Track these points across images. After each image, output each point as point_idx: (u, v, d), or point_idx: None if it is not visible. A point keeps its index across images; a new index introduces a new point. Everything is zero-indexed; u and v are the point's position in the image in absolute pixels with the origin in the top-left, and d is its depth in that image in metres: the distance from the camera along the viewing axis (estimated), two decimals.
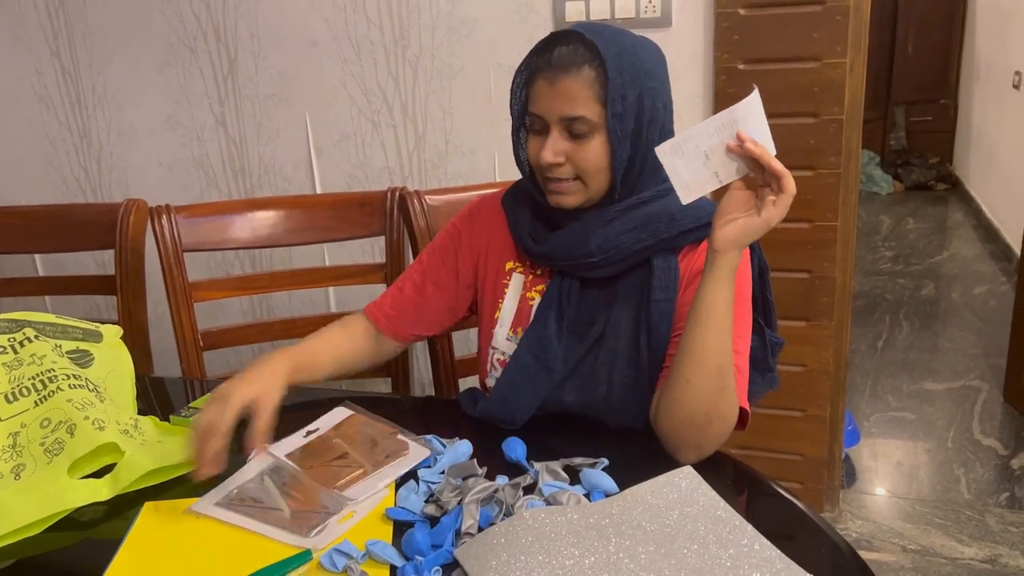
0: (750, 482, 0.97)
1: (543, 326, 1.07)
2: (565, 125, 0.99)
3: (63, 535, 0.94)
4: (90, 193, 2.28)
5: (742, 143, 0.86)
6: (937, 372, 2.84)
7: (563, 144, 1.00)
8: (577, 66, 0.97)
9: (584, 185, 1.02)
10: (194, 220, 1.52)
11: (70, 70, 2.18)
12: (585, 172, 1.00)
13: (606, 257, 1.03)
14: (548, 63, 0.98)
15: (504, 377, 1.08)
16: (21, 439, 1.02)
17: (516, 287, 1.13)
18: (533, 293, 1.11)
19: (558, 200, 1.03)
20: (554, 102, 0.98)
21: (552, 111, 0.98)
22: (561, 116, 0.98)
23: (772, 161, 0.86)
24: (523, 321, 1.11)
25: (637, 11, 1.73)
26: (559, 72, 0.97)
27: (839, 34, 1.62)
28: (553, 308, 1.07)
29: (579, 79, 0.97)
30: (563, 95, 0.97)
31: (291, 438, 1.07)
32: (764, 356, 1.14)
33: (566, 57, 0.97)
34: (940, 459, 2.31)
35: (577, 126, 0.98)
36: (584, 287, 1.07)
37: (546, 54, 0.99)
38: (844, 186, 1.72)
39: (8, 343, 1.10)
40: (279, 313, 2.21)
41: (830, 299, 1.79)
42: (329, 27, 1.95)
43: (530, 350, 1.07)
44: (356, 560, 0.80)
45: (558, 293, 1.07)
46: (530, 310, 1.11)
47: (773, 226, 0.89)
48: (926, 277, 3.80)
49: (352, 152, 2.04)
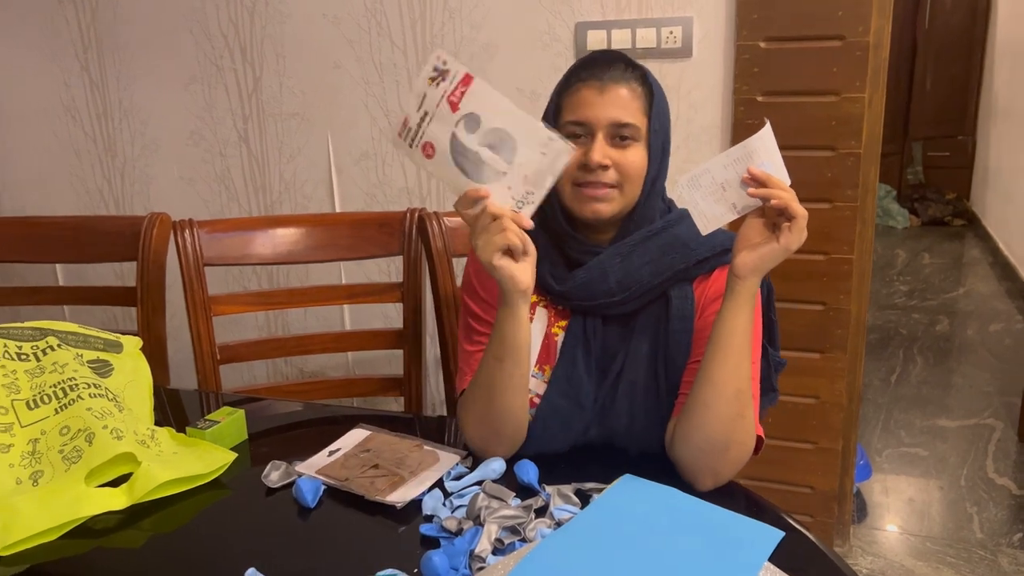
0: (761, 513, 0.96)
1: (571, 365, 1.06)
2: (612, 131, 1.01)
3: (77, 543, 0.95)
4: (112, 205, 2.31)
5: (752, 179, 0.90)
6: (951, 409, 2.82)
7: (608, 149, 1.01)
8: (627, 79, 1.02)
9: (621, 193, 1.03)
10: (216, 235, 1.54)
11: (98, 84, 2.22)
12: (627, 178, 1.02)
13: (626, 295, 1.04)
14: (597, 75, 1.02)
15: (537, 420, 1.07)
16: (40, 446, 1.03)
17: (541, 322, 1.12)
18: (557, 328, 1.11)
19: (595, 208, 1.03)
20: (605, 108, 1.01)
21: (602, 116, 1.01)
22: (612, 121, 1.01)
23: (774, 194, 0.90)
24: (549, 358, 1.10)
25: (658, 42, 1.75)
26: (610, 81, 1.01)
27: (858, 69, 1.63)
28: (579, 346, 1.07)
29: (629, 88, 1.02)
30: (615, 102, 1.01)
31: (315, 458, 1.08)
32: (767, 375, 1.15)
33: (616, 69, 1.02)
34: (953, 497, 2.29)
35: (625, 132, 1.01)
36: (604, 323, 1.08)
37: (593, 68, 1.03)
38: (861, 219, 1.72)
39: (31, 351, 1.12)
40: (294, 329, 2.22)
41: (844, 331, 1.78)
42: (353, 49, 1.98)
43: (560, 390, 1.06)
44: None
45: (583, 330, 1.07)
46: (555, 346, 1.10)
47: (793, 251, 0.92)
48: (941, 313, 3.78)
49: (372, 172, 2.06)
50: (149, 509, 1.01)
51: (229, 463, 1.09)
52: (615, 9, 1.77)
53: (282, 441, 1.22)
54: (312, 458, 1.08)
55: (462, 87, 0.93)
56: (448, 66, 0.93)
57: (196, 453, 1.09)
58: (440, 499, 0.97)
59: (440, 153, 0.95)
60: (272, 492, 1.03)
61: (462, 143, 0.94)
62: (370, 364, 2.16)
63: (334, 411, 1.34)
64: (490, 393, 1.02)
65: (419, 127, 0.95)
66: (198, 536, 0.97)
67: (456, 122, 0.94)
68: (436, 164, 0.96)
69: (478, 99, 0.93)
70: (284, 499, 1.01)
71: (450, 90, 0.93)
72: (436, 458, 1.06)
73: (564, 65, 1.82)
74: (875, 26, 1.62)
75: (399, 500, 0.96)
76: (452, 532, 0.89)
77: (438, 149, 0.95)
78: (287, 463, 1.07)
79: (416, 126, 0.96)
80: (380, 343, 1.63)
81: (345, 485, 1.01)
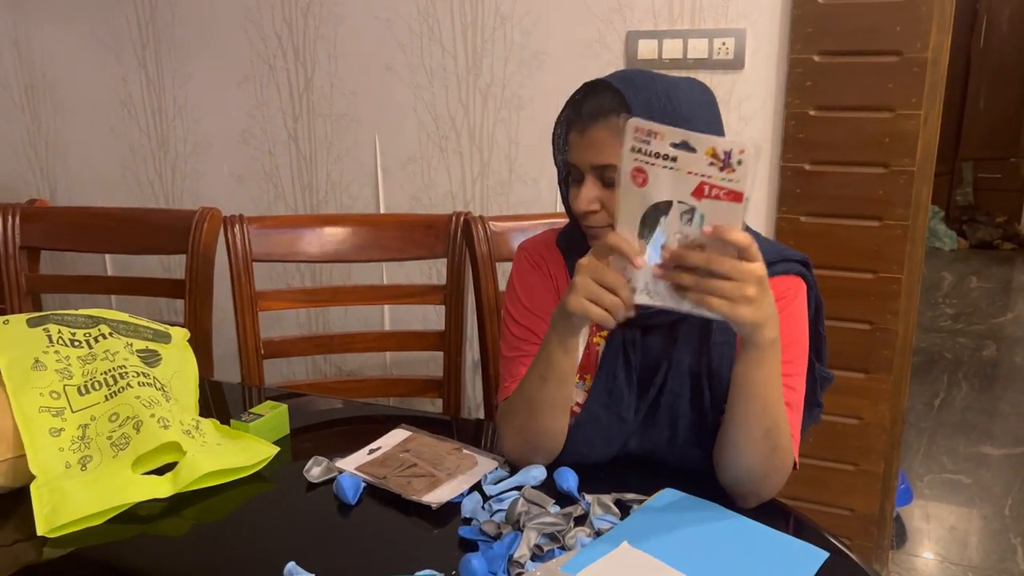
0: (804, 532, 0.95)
1: (611, 376, 1.05)
2: (597, 174, 0.99)
3: (122, 527, 0.97)
4: (162, 199, 2.36)
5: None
6: (996, 436, 2.75)
7: (597, 192, 0.99)
8: (604, 115, 0.97)
9: None
10: (265, 231, 1.57)
11: (154, 81, 2.27)
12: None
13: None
14: (579, 115, 1.00)
15: (577, 430, 1.06)
16: (90, 431, 1.05)
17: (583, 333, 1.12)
18: (598, 338, 1.10)
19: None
20: (585, 151, 0.99)
21: (584, 160, 0.99)
22: (592, 164, 0.99)
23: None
24: (590, 368, 1.09)
25: (710, 53, 1.74)
26: (588, 122, 0.98)
27: (915, 86, 1.60)
28: (620, 357, 1.05)
29: (607, 127, 0.97)
30: (592, 144, 0.98)
31: (355, 455, 1.09)
32: (812, 390, 1.13)
33: (594, 107, 0.98)
34: (996, 527, 2.23)
35: (608, 173, 0.98)
36: (645, 334, 1.06)
37: (577, 106, 1.00)
38: (911, 239, 1.69)
39: (84, 338, 1.14)
40: (334, 327, 2.24)
41: (890, 352, 1.75)
42: (404, 53, 2.00)
43: (601, 402, 1.05)
44: None
45: (622, 341, 1.06)
46: (596, 355, 1.09)
47: (729, 311, 0.82)
48: (988, 338, 3.69)
49: (418, 175, 2.07)
50: (192, 499, 1.02)
51: (271, 456, 1.10)
52: (667, 19, 1.76)
53: (323, 437, 1.23)
54: (352, 455, 1.09)
55: (726, 196, 0.78)
56: (740, 167, 0.76)
57: (239, 445, 1.11)
58: (479, 502, 0.96)
59: (642, 195, 0.82)
60: (313, 487, 1.04)
61: (667, 219, 0.82)
62: (408, 365, 2.17)
63: (374, 410, 1.35)
64: (530, 410, 1.02)
65: (653, 154, 0.81)
66: (239, 527, 0.98)
67: (684, 201, 0.81)
68: (629, 193, 0.83)
69: (720, 217, 0.79)
70: (325, 495, 1.02)
71: (714, 183, 0.78)
72: (474, 462, 1.06)
73: None
74: (934, 42, 1.59)
75: (435, 501, 0.96)
76: (491, 536, 0.89)
77: (646, 188, 0.82)
78: (328, 459, 1.07)
79: (653, 152, 0.80)
80: (422, 344, 1.64)
81: (382, 483, 1.01)
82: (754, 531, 0.90)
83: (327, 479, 1.05)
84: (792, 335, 1.02)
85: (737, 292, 0.81)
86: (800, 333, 1.04)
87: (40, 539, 0.94)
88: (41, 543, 0.93)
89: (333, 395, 1.57)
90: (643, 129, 0.80)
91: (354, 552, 0.91)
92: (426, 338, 1.64)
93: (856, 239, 1.70)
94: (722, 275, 0.81)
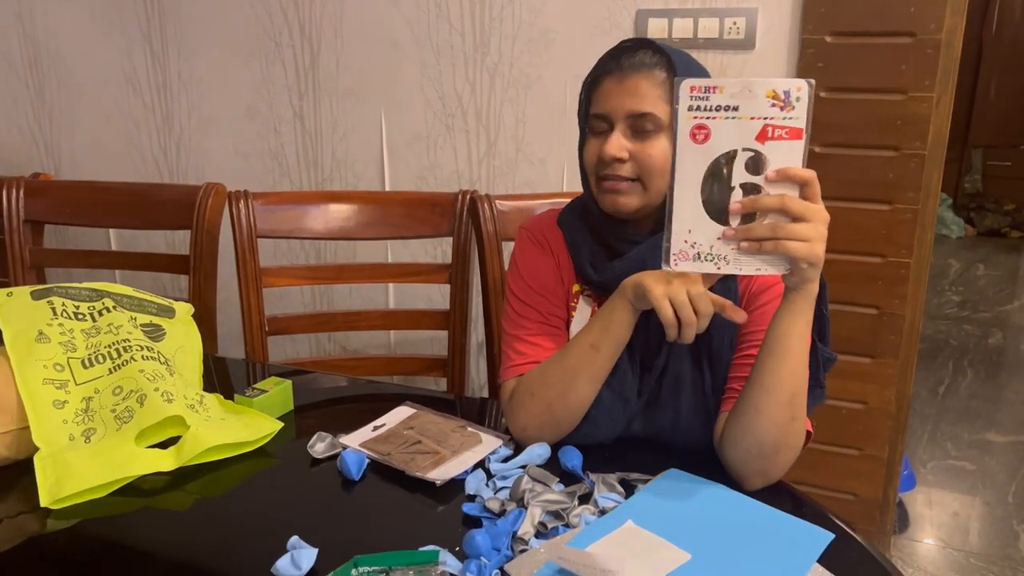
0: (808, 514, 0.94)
1: None
2: (631, 123, 0.98)
3: (125, 500, 0.97)
4: (167, 175, 2.35)
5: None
6: (1000, 424, 2.75)
7: (627, 141, 0.99)
8: (648, 67, 0.98)
9: (643, 188, 1.00)
10: (270, 207, 1.56)
11: (159, 56, 2.25)
12: (648, 172, 0.99)
13: None
14: (618, 64, 0.99)
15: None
16: (94, 404, 1.05)
17: (584, 312, 1.10)
18: None
19: (614, 200, 1.01)
20: (623, 98, 0.98)
21: (619, 107, 0.98)
22: (628, 112, 0.98)
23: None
24: None
25: (721, 32, 1.72)
26: (629, 71, 0.98)
27: (928, 68, 1.58)
28: None
29: (649, 78, 0.98)
30: (632, 91, 0.97)
31: (359, 432, 1.09)
32: (816, 371, 1.12)
33: (637, 58, 0.98)
34: (999, 514, 2.23)
35: (643, 123, 0.98)
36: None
37: (615, 58, 1.00)
38: (921, 223, 1.68)
39: (88, 311, 1.14)
40: (339, 305, 2.24)
41: (897, 337, 1.74)
42: (412, 30, 1.98)
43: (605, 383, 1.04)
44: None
45: None
46: None
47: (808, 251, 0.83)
48: (994, 326, 3.68)
49: (423, 154, 2.06)
50: (196, 473, 1.02)
51: (275, 432, 1.10)
52: None
53: (327, 414, 1.22)
54: (356, 432, 1.09)
55: (788, 135, 0.80)
56: (799, 103, 0.79)
57: (243, 420, 1.11)
58: (483, 480, 0.96)
59: (705, 150, 0.82)
60: (317, 463, 1.04)
61: (728, 171, 0.82)
62: (412, 345, 2.16)
63: (379, 388, 1.34)
64: (572, 380, 1.00)
65: (714, 108, 0.81)
66: (243, 502, 0.98)
67: (749, 148, 0.81)
68: (689, 153, 0.82)
69: (783, 157, 0.81)
70: (328, 470, 1.02)
71: (777, 123, 0.80)
72: (479, 439, 1.06)
73: None
74: (948, 24, 1.57)
75: (439, 478, 0.96)
76: (495, 513, 0.89)
77: (708, 144, 0.82)
78: (332, 435, 1.07)
79: (712, 105, 0.81)
80: (427, 323, 1.63)
81: (386, 459, 1.01)
82: (759, 512, 0.90)
83: (331, 455, 1.04)
84: None
85: (813, 232, 0.82)
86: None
87: (44, 511, 0.94)
88: (44, 515, 0.93)
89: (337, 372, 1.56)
90: (699, 87, 0.81)
91: (358, 527, 0.91)
92: (432, 317, 1.63)
93: (865, 223, 1.69)
94: (796, 216, 0.82)
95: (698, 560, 0.80)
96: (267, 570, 0.82)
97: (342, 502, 0.96)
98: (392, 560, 0.79)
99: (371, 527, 0.91)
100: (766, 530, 0.86)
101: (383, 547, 0.81)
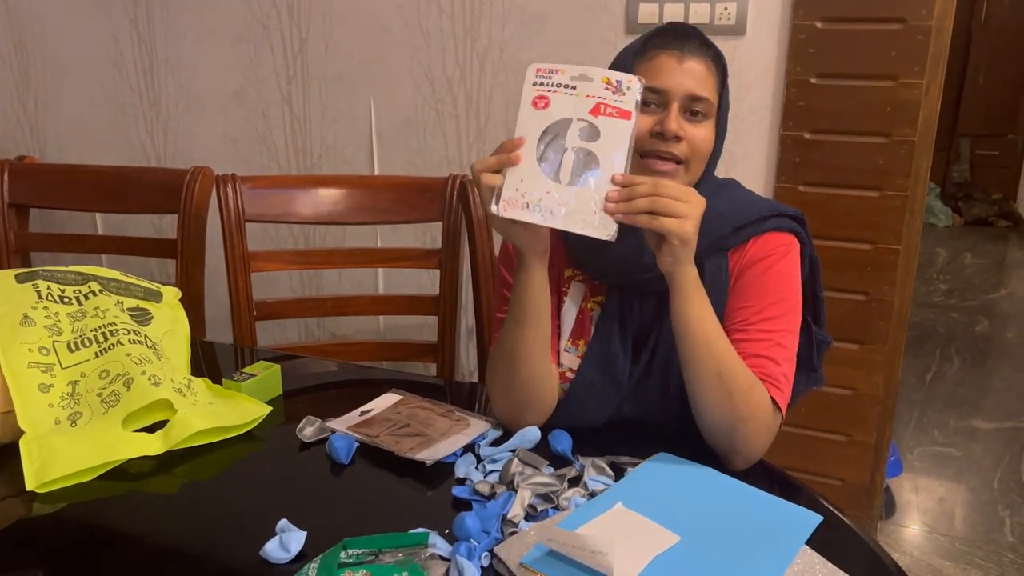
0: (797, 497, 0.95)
1: (607, 341, 1.05)
2: (687, 104, 0.98)
3: (112, 484, 0.96)
4: (154, 160, 2.33)
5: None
6: (986, 410, 2.77)
7: (682, 122, 0.98)
8: (703, 53, 0.99)
9: (686, 171, 1.00)
10: (258, 191, 1.54)
11: (146, 39, 2.23)
12: (696, 154, 0.99)
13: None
14: (676, 44, 0.99)
15: (572, 395, 1.06)
16: (80, 388, 1.04)
17: (576, 296, 1.10)
18: (592, 304, 1.09)
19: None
20: (684, 77, 0.97)
21: (680, 86, 0.97)
22: (688, 93, 0.97)
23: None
24: (583, 333, 1.09)
25: (712, 17, 1.71)
26: (689, 53, 0.98)
27: (918, 54, 1.58)
28: (615, 321, 1.05)
29: (706, 63, 0.99)
30: (693, 73, 0.98)
31: (347, 416, 1.08)
32: (809, 355, 1.12)
33: (694, 42, 0.99)
34: (985, 499, 2.25)
35: (699, 106, 0.98)
36: (643, 299, 1.06)
37: (670, 36, 1.00)
38: (910, 210, 1.68)
39: (74, 294, 1.13)
40: (328, 290, 2.23)
41: (886, 323, 1.75)
42: (401, 13, 1.96)
43: (596, 367, 1.05)
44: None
45: (619, 305, 1.05)
46: (590, 321, 1.09)
47: (679, 227, 0.87)
48: (981, 313, 3.70)
49: (413, 139, 2.05)
50: (183, 456, 1.01)
51: (264, 416, 1.09)
52: None
53: (316, 399, 1.22)
54: (344, 416, 1.08)
55: (617, 114, 0.89)
56: (629, 94, 0.89)
57: (231, 405, 1.10)
58: (473, 463, 0.96)
59: (543, 115, 0.91)
60: (305, 447, 1.03)
61: (564, 136, 0.90)
62: (401, 330, 2.16)
63: (368, 373, 1.34)
64: (513, 361, 1.01)
65: (555, 84, 0.91)
66: (231, 486, 0.97)
67: (583, 119, 0.90)
68: (530, 115, 0.91)
69: (612, 131, 0.90)
70: (317, 454, 1.01)
71: (609, 102, 0.90)
72: (467, 423, 1.06)
73: (614, 38, 1.80)
74: (938, 10, 1.57)
75: (428, 458, 0.96)
76: (484, 496, 0.89)
77: (547, 110, 0.91)
78: (321, 420, 1.07)
79: (554, 83, 0.91)
80: (417, 308, 1.63)
81: (374, 441, 1.00)
82: (748, 494, 0.90)
83: (320, 439, 1.04)
84: (781, 291, 1.01)
85: (688, 210, 0.87)
86: (789, 290, 1.03)
87: (30, 495, 0.93)
88: (31, 499, 0.93)
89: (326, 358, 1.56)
90: (544, 69, 0.92)
91: (347, 511, 0.90)
92: (422, 302, 1.63)
93: (855, 209, 1.69)
94: (671, 196, 0.87)
95: (687, 542, 0.80)
96: (256, 553, 0.81)
97: (331, 486, 0.96)
98: (381, 543, 0.78)
99: (360, 510, 0.90)
100: (755, 512, 0.87)
101: (372, 530, 0.81)
